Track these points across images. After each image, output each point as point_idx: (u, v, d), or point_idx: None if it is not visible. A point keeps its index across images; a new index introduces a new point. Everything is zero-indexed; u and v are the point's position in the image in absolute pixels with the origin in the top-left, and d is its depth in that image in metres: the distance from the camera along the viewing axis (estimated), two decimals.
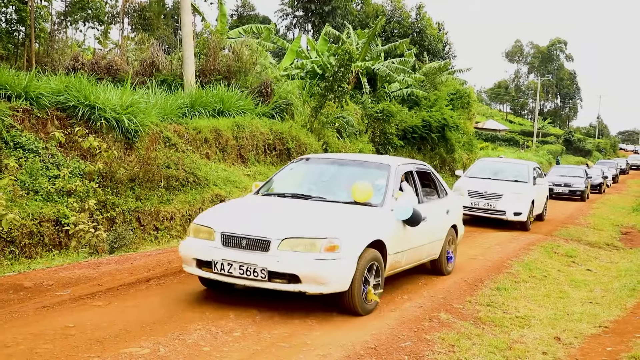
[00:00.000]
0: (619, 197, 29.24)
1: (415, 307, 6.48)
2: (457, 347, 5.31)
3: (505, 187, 14.13)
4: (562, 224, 15.81)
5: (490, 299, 7.18)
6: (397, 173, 7.15)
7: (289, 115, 15.85)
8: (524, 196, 14.07)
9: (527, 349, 5.44)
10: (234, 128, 13.31)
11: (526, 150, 55.72)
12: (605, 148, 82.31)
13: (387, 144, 20.76)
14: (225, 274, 5.79)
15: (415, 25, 51.44)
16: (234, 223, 6.04)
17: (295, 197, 6.95)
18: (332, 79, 16.51)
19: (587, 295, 7.96)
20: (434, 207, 7.85)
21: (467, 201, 13.75)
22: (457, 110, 27.56)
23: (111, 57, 15.32)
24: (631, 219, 19.34)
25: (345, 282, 5.67)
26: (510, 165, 16.38)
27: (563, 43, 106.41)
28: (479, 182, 14.60)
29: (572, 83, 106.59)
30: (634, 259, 11.13)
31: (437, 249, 7.97)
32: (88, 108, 9.93)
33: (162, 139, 11.22)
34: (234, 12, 59.46)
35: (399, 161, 7.67)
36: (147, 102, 11.64)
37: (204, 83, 15.13)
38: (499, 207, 13.80)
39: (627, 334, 6.18)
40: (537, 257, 10.28)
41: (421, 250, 7.45)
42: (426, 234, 7.37)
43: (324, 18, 52.55)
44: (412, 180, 7.57)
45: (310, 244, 5.62)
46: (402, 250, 6.74)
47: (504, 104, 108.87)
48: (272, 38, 24.78)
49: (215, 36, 16.42)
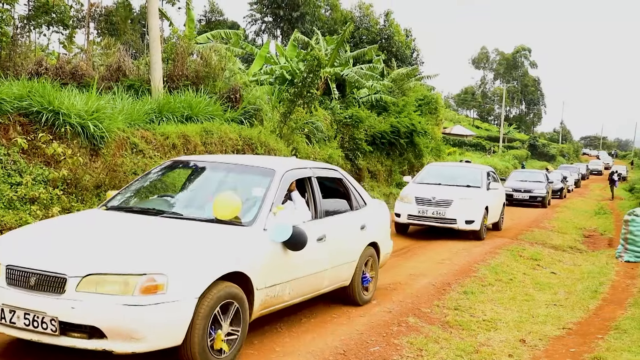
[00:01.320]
0: (582, 201, 29.92)
1: (384, 312, 6.52)
2: (425, 351, 5.36)
3: (456, 193, 12.98)
4: (521, 232, 15.12)
5: (458, 302, 7.26)
6: (284, 181, 5.66)
7: (258, 121, 15.80)
8: (477, 202, 12.92)
9: (494, 352, 5.52)
10: (202, 134, 13.21)
11: (493, 155, 56.57)
12: (569, 153, 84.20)
13: (356, 150, 20.86)
14: (7, 324, 4.23)
15: (383, 31, 51.95)
16: (26, 252, 4.44)
17: (145, 212, 5.39)
18: (301, 84, 16.54)
19: (552, 298, 8.12)
20: (341, 223, 6.44)
21: (414, 209, 12.81)
22: (425, 115, 27.87)
23: (76, 62, 15.05)
24: (593, 222, 19.81)
25: (175, 334, 4.19)
26: (462, 169, 15.36)
27: (527, 50, 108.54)
28: (428, 188, 13.45)
29: (536, 89, 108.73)
30: (596, 261, 11.39)
31: (345, 274, 6.47)
32: (52, 114, 9.74)
33: (129, 145, 11.08)
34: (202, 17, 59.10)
35: (289, 165, 6.09)
36: (113, 108, 11.47)
37: (172, 88, 14.99)
38: (448, 215, 12.65)
39: (590, 335, 6.32)
40: (503, 260, 10.44)
41: (318, 279, 5.92)
42: (326, 256, 5.94)
43: (292, 24, 52.65)
44: (309, 189, 6.14)
45: (123, 282, 4.07)
46: (283, 281, 5.24)
47: (471, 109, 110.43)
48: (240, 43, 24.73)
49: (183, 41, 16.29)
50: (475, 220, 12.69)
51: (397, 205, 13.18)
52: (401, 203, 13.16)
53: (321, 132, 18.45)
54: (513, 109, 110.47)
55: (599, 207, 25.96)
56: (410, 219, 12.94)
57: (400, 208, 13.06)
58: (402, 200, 13.20)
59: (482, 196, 13.30)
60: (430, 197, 12.85)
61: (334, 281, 6.30)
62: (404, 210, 12.95)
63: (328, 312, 6.40)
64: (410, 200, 12.98)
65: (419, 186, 13.74)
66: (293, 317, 6.00)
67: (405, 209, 12.95)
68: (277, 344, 5.22)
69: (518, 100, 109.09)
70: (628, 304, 7.66)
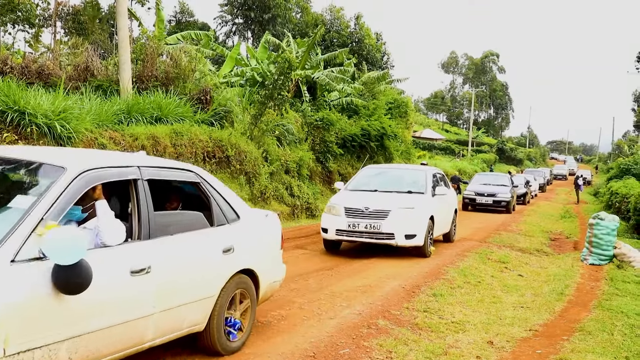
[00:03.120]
0: (548, 204, 30.45)
1: (354, 314, 6.54)
2: (394, 353, 5.39)
3: (394, 202, 10.74)
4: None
5: (427, 305, 7.32)
6: (79, 184, 3.82)
7: (228, 123, 15.73)
8: (419, 212, 10.72)
9: (462, 354, 5.58)
10: (172, 135, 13.09)
11: (462, 159, 57.26)
12: (536, 157, 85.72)
13: (327, 152, 20.94)
14: None
15: (354, 35, 52.22)
16: None
17: None
18: (272, 86, 16.52)
19: (519, 300, 8.24)
20: (184, 245, 4.58)
21: (343, 223, 10.49)
22: (395, 119, 28.10)
23: (43, 61, 14.78)
24: (559, 226, 20.20)
25: None
26: (402, 172, 12.97)
27: (496, 55, 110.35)
28: (361, 196, 11.21)
29: (504, 94, 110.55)
30: (562, 264, 11.60)
31: (193, 316, 4.60)
32: (17, 114, 9.56)
33: (97, 146, 10.91)
34: (172, 18, 58.63)
35: (93, 162, 4.13)
36: (81, 108, 11.30)
37: (141, 89, 14.83)
38: (385, 228, 10.32)
39: (556, 336, 6.43)
40: (471, 263, 10.57)
41: (132, 329, 4.01)
42: (151, 296, 4.11)
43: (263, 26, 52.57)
44: (134, 198, 4.28)
45: None
46: (54, 340, 3.39)
47: (441, 113, 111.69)
48: (211, 45, 24.58)
49: (152, 42, 16.13)
50: (417, 234, 10.51)
51: (324, 218, 10.94)
52: (328, 215, 10.86)
53: (292, 134, 18.45)
54: (482, 114, 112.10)
55: (565, 210, 26.47)
56: (338, 235, 10.61)
57: (327, 221, 10.80)
58: (330, 211, 10.89)
59: (427, 204, 11.14)
60: (363, 207, 10.57)
61: (170, 329, 4.40)
62: (332, 224, 10.65)
63: (298, 315, 6.39)
64: (339, 212, 10.67)
65: (350, 194, 11.46)
66: (262, 320, 5.98)
67: (333, 222, 10.66)
68: (247, 346, 5.19)
69: (487, 105, 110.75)
70: (592, 306, 7.82)
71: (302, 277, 8.48)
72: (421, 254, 10.79)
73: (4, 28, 24.72)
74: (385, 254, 10.86)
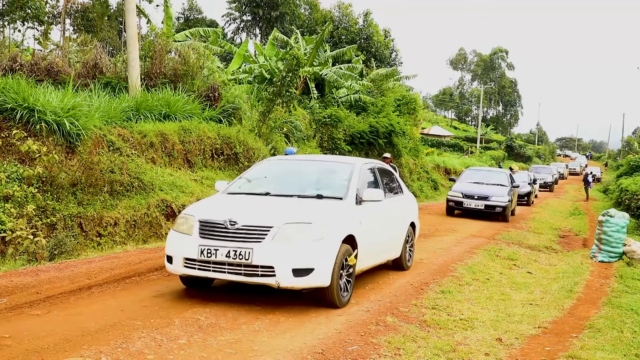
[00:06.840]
0: (557, 201, 30.30)
1: (363, 311, 6.53)
2: (402, 350, 5.38)
3: (283, 212, 6.52)
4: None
5: (436, 302, 7.30)
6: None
7: (236, 120, 15.75)
8: (322, 229, 6.26)
9: (471, 351, 5.56)
10: (180, 132, 13.12)
11: (470, 155, 57.06)
12: (545, 154, 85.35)
13: (335, 149, 20.91)
14: None
15: (362, 31, 52.12)
16: None
17: None
18: (280, 83, 16.51)
19: (527, 297, 8.20)
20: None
21: (193, 247, 6.24)
22: (403, 116, 28.01)
23: (52, 59, 14.83)
24: (569, 223, 20.10)
25: None
26: (320, 165, 8.41)
27: (504, 52, 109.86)
28: (234, 202, 7.12)
29: (513, 91, 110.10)
30: (571, 261, 11.54)
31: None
32: (27, 110, 9.60)
33: (106, 143, 10.95)
34: (181, 15, 58.76)
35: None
36: (90, 105, 11.34)
37: (150, 86, 14.86)
38: (258, 258, 6.01)
39: (565, 334, 6.40)
40: (480, 260, 10.53)
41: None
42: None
43: (271, 23, 52.59)
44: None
45: None
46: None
47: (449, 110, 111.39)
48: (219, 42, 24.62)
49: (161, 39, 16.16)
50: (315, 268, 6.11)
51: (170, 239, 6.62)
52: (176, 234, 6.60)
53: (300, 131, 18.45)
54: (490, 110, 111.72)
55: (574, 207, 26.33)
56: (187, 267, 6.36)
57: (173, 244, 6.54)
58: (178, 227, 6.62)
59: (341, 216, 6.77)
60: (226, 220, 6.26)
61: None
62: (179, 249, 6.44)
63: (307, 312, 6.39)
64: (191, 229, 6.43)
65: (219, 200, 7.31)
66: (271, 317, 5.98)
67: (180, 246, 6.45)
68: (256, 343, 5.19)
69: (495, 102, 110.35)
70: (602, 303, 7.77)
71: None
72: (328, 302, 6.47)
73: (14, 25, 24.85)
74: None
